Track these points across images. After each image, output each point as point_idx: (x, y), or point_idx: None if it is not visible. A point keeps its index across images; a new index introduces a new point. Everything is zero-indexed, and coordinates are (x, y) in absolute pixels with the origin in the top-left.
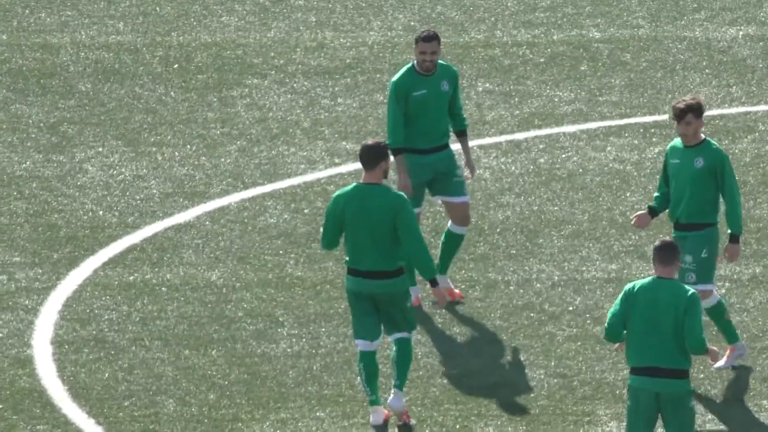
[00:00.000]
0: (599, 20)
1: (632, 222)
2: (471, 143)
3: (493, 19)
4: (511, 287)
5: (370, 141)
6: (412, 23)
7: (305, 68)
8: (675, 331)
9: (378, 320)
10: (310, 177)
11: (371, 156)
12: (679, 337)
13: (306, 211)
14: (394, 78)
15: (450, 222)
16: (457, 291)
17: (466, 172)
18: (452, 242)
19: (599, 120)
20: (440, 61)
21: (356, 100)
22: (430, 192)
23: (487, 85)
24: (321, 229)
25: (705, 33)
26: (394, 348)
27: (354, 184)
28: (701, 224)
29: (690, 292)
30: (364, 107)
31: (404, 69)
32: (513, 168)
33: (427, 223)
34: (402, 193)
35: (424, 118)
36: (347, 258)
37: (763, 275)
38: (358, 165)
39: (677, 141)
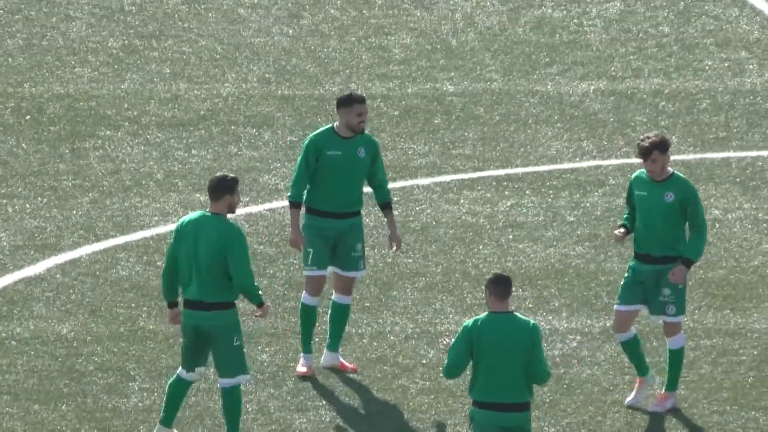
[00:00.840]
0: (453, 74)
1: (615, 236)
2: None
3: (347, 71)
4: (365, 340)
5: (219, 173)
6: (267, 75)
7: (159, 120)
8: (522, 365)
9: (197, 353)
10: (163, 229)
11: (215, 188)
12: (525, 370)
13: (159, 263)
14: (312, 134)
15: (334, 293)
16: (349, 364)
17: (393, 248)
18: (340, 314)
19: (452, 173)
20: None
21: (210, 152)
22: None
23: None
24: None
25: (557, 87)
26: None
27: (200, 212)
28: (676, 257)
29: (532, 324)
30: (218, 159)
31: (323, 128)
32: (366, 220)
33: (281, 275)
34: (236, 226)
35: (332, 180)
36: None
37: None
38: None
39: (642, 172)
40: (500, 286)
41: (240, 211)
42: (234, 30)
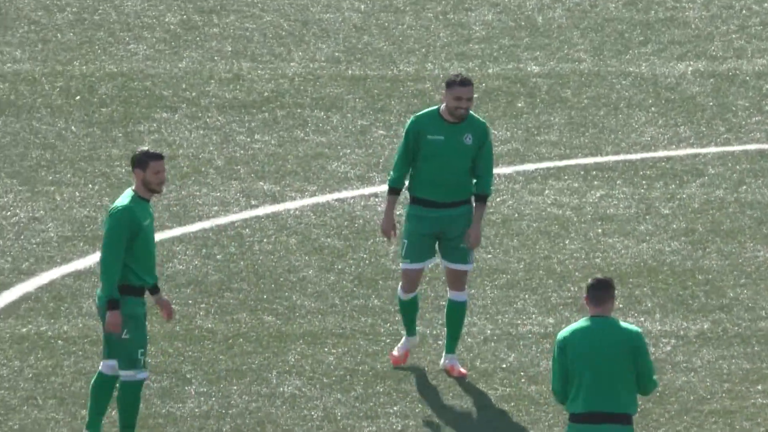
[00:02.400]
0: (538, 53)
1: None
2: None
3: (423, 50)
4: (440, 341)
5: (143, 147)
6: (336, 54)
7: (219, 102)
8: (623, 376)
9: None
10: (223, 220)
11: (130, 163)
12: (629, 380)
13: (218, 257)
14: (414, 114)
15: (448, 289)
16: (462, 369)
17: (468, 244)
18: (450, 312)
19: (537, 161)
20: (471, 113)
21: (275, 136)
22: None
23: None
24: None
25: (651, 68)
26: None
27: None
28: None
29: (635, 330)
30: (283, 144)
31: (428, 109)
32: None
33: (350, 271)
34: (126, 204)
35: (434, 167)
36: None
37: (712, 331)
38: (277, 207)
39: None
40: (599, 290)
41: (306, 200)
42: (301, 5)
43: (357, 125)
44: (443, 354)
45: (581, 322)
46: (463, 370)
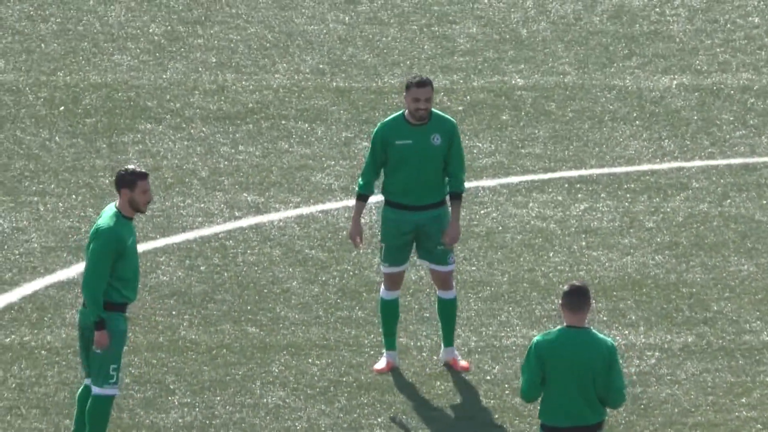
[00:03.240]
0: (522, 66)
1: None
2: (382, 196)
3: (408, 62)
4: (424, 353)
5: (127, 166)
6: (321, 66)
7: (204, 113)
8: (595, 387)
9: (86, 355)
10: (207, 231)
11: (115, 182)
12: (599, 390)
13: (202, 268)
14: (380, 122)
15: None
16: (463, 363)
17: (445, 242)
18: (441, 309)
19: (521, 174)
20: (436, 111)
21: (259, 148)
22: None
23: None
24: None
25: (636, 82)
26: None
27: (112, 204)
28: None
29: (610, 342)
30: (267, 155)
31: (392, 116)
32: None
33: (334, 282)
34: (112, 225)
35: (405, 171)
36: None
37: (696, 345)
38: (261, 219)
39: None
40: (575, 297)
41: (290, 212)
42: (286, 16)
43: (341, 137)
44: (441, 348)
45: (558, 333)
46: (464, 363)
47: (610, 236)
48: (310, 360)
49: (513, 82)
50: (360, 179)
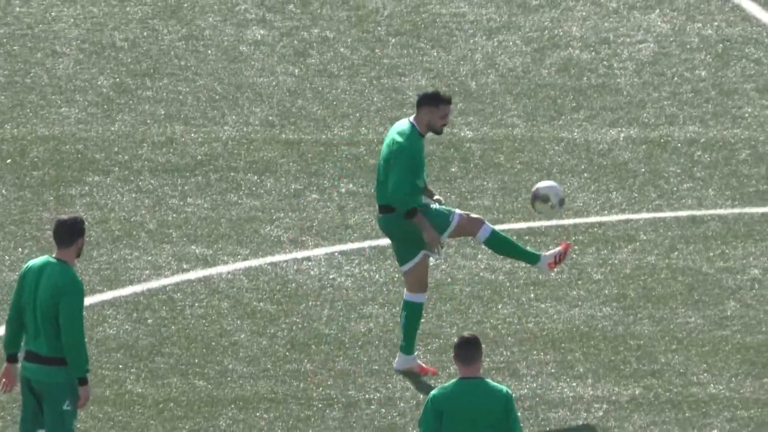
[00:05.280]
0: (471, 118)
1: None
2: (332, 248)
3: (357, 114)
4: (373, 406)
5: (65, 216)
6: (270, 117)
7: (152, 165)
8: None
9: (32, 414)
10: (155, 284)
11: (67, 231)
12: None
13: (149, 321)
14: (408, 140)
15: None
16: (429, 368)
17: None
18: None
19: None
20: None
21: (208, 200)
22: None
23: (351, 186)
24: None
25: (584, 134)
26: None
27: (46, 257)
28: None
29: (504, 391)
30: (216, 208)
31: (409, 130)
32: (377, 276)
33: (282, 335)
34: (77, 279)
35: (421, 178)
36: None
37: (644, 397)
38: (210, 271)
39: None
40: (465, 349)
41: (239, 264)
42: (235, 69)
43: (290, 189)
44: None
45: (454, 385)
46: (427, 367)
47: (558, 288)
48: (258, 414)
49: (462, 134)
50: (410, 196)
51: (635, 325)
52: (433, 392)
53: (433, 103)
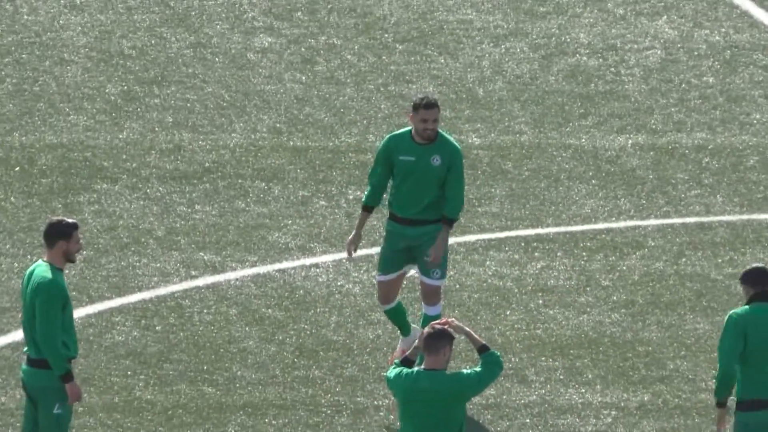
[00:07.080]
0: (479, 125)
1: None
2: (340, 254)
3: (365, 121)
4: (381, 413)
5: (54, 218)
6: (278, 125)
7: (160, 172)
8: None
9: (34, 419)
10: (163, 291)
11: (49, 234)
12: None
13: (158, 328)
14: (389, 134)
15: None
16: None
17: (429, 257)
18: (424, 326)
19: (478, 232)
20: (443, 134)
21: (215, 207)
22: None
23: (358, 193)
24: None
25: (592, 141)
26: None
27: (39, 260)
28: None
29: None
30: (224, 215)
31: (402, 130)
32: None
33: (291, 342)
34: (51, 277)
35: (406, 185)
36: None
37: (652, 403)
38: (217, 278)
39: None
40: (433, 339)
41: (247, 271)
42: (243, 76)
43: (298, 196)
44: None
45: (416, 373)
46: None
47: (567, 294)
48: (266, 420)
49: (469, 141)
50: (365, 191)
51: (644, 331)
52: (397, 379)
53: (413, 109)
